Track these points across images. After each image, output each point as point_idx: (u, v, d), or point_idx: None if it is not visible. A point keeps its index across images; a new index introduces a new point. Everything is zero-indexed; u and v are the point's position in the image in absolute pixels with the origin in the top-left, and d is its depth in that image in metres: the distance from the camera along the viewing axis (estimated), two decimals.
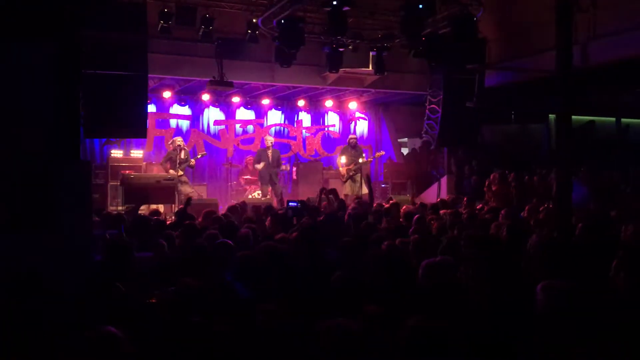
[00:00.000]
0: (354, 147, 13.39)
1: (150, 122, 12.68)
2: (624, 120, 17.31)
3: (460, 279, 3.65)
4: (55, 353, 3.13)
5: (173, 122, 14.54)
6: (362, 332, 2.58)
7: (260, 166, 12.74)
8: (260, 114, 15.53)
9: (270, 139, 13.32)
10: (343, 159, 13.22)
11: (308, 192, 12.38)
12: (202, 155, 12.91)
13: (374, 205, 8.84)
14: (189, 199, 8.00)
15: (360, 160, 13.21)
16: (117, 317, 3.28)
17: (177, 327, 3.28)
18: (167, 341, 3.17)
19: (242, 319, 3.31)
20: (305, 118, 16.09)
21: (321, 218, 6.94)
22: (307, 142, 16.05)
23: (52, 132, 4.69)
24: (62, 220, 4.49)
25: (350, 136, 13.99)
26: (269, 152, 12.92)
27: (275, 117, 15.77)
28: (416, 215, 6.87)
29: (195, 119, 14.76)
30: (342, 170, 13.10)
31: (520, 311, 3.16)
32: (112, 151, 12.88)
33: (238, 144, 15.12)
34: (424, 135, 12.86)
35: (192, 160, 12.22)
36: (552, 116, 15.19)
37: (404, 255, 4.73)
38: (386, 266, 4.18)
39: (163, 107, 14.34)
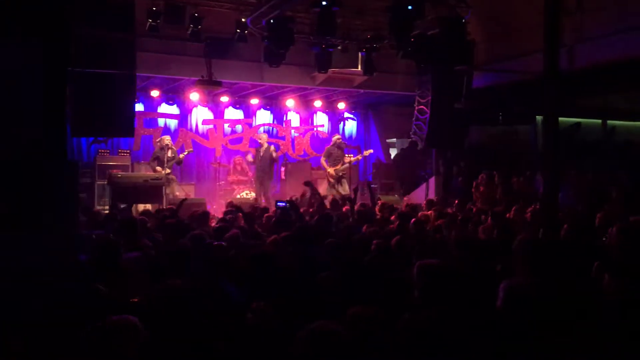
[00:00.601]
0: (339, 147, 13.40)
1: (137, 121, 12.64)
2: (610, 122, 17.46)
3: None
4: (49, 352, 3.12)
5: (161, 121, 14.49)
6: (345, 334, 2.58)
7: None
8: (249, 113, 15.51)
9: (262, 137, 13.35)
10: (327, 160, 13.22)
11: (296, 192, 12.39)
12: (189, 152, 12.90)
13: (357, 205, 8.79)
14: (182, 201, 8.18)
15: (347, 161, 13.22)
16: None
17: (162, 325, 3.26)
18: (157, 341, 3.16)
19: (231, 319, 3.31)
20: (294, 118, 16.09)
21: (316, 218, 6.92)
22: (295, 142, 16.05)
23: (39, 131, 4.65)
24: (49, 220, 4.46)
25: (335, 136, 13.99)
26: (261, 150, 12.96)
27: (264, 116, 15.76)
28: (413, 218, 6.90)
29: (183, 118, 14.72)
30: (331, 171, 13.08)
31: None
32: (100, 150, 12.81)
33: (226, 144, 15.09)
34: (412, 135, 12.90)
35: (181, 155, 12.19)
36: (539, 118, 15.28)
37: (390, 256, 4.75)
38: (378, 267, 4.20)
39: (151, 106, 14.28)
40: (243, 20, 11.06)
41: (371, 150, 14.87)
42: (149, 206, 10.75)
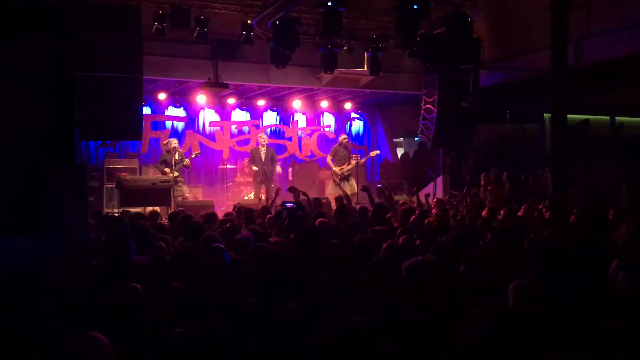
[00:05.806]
0: (345, 148, 13.37)
1: (145, 124, 12.65)
2: (618, 118, 17.39)
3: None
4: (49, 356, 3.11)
5: (168, 124, 14.53)
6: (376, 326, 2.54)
7: (256, 168, 12.67)
8: (256, 115, 15.52)
9: (264, 138, 13.28)
10: (333, 159, 13.19)
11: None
12: (197, 155, 12.87)
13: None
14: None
15: (354, 162, 13.20)
16: (116, 320, 3.27)
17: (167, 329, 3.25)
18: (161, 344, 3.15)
19: (244, 322, 3.30)
20: (300, 119, 16.09)
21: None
22: (302, 142, 16.05)
23: (47, 135, 4.67)
24: (59, 224, 4.47)
25: (342, 136, 13.95)
26: (263, 151, 12.88)
27: (270, 118, 15.77)
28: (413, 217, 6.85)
29: (190, 120, 14.75)
30: (337, 170, 13.06)
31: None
32: (108, 153, 12.86)
33: (234, 146, 15.10)
34: (419, 135, 12.87)
35: (187, 159, 12.15)
36: (547, 115, 15.24)
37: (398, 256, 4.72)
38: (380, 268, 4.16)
39: (158, 108, 14.33)
40: (249, 22, 11.08)
41: (377, 152, 14.82)
42: (157, 208, 10.76)
